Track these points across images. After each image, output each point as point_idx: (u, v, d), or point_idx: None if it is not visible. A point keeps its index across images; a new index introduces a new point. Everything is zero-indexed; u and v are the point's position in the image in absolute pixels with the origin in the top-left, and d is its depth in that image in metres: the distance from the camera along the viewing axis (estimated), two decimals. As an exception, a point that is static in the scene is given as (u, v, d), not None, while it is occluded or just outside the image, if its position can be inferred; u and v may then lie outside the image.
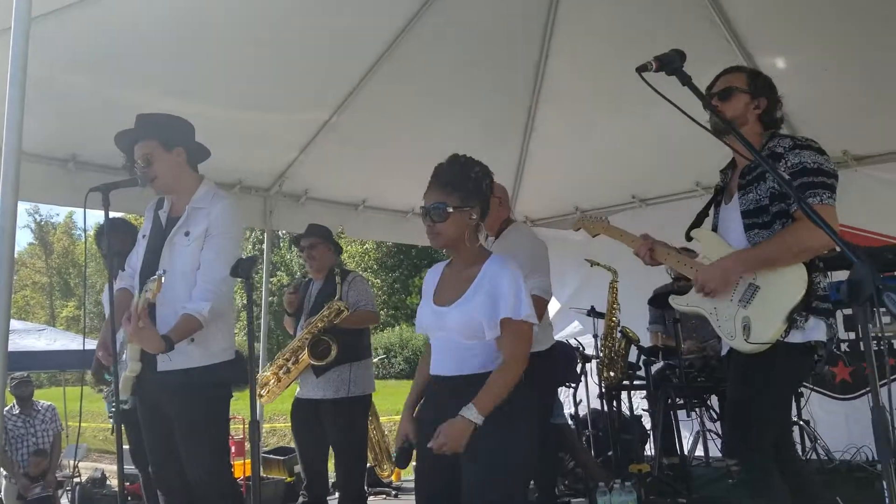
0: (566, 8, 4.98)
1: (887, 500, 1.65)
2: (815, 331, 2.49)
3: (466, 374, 2.39)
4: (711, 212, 2.97)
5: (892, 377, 5.13)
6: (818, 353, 2.52)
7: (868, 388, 5.31)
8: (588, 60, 5.41)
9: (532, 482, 4.42)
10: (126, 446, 3.62)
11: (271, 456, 6.39)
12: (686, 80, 2.15)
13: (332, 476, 5.17)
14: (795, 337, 2.47)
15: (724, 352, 2.85)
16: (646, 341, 5.53)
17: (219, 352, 2.91)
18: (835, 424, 5.35)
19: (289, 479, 6.03)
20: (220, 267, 2.85)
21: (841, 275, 2.36)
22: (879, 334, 4.92)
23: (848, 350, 5.52)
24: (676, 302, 2.81)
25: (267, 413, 12.58)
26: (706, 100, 2.19)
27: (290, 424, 4.62)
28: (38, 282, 41.34)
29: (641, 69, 2.18)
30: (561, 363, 5.10)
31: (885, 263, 3.16)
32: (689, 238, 2.89)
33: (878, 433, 1.65)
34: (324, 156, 5.61)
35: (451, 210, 2.42)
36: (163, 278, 2.66)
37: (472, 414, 2.27)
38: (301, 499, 4.68)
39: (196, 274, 2.88)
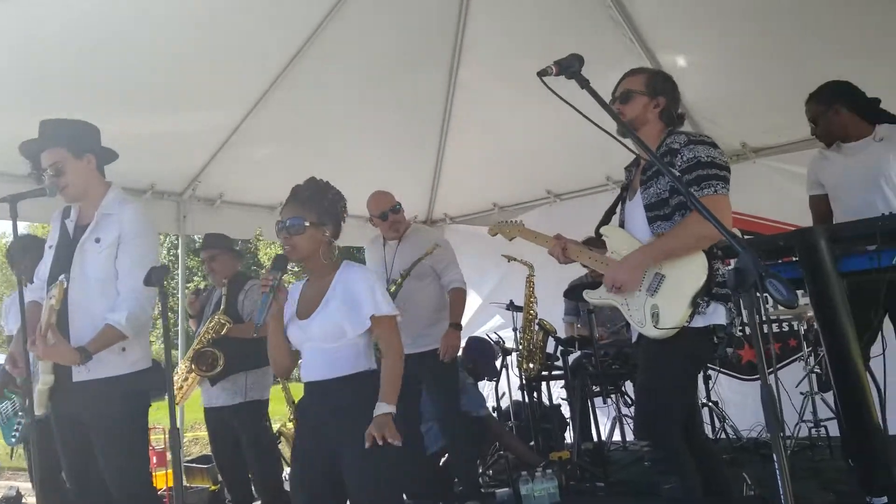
0: (476, 9, 5.07)
1: (777, 469, 1.78)
2: (715, 315, 2.65)
3: (337, 376, 2.60)
4: (619, 209, 3.11)
5: (792, 359, 5.44)
6: (718, 335, 2.67)
7: (772, 369, 5.61)
8: (499, 60, 5.51)
9: (455, 478, 4.53)
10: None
11: (194, 465, 6.26)
12: (584, 84, 2.24)
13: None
14: (697, 322, 2.62)
15: (633, 339, 2.98)
16: (562, 332, 5.70)
17: (135, 361, 2.88)
18: (742, 404, 5.63)
19: (213, 487, 5.93)
20: (138, 274, 2.80)
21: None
22: (774, 317, 5.23)
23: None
24: (590, 295, 2.95)
25: (189, 421, 12.30)
26: (604, 103, 2.28)
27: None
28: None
29: (542, 73, 2.28)
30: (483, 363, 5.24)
31: (777, 250, 3.35)
32: (598, 235, 3.03)
33: (767, 410, 1.78)
34: (239, 158, 5.52)
35: (307, 225, 2.64)
36: (65, 283, 2.63)
37: (384, 408, 2.49)
38: None
39: (115, 283, 2.84)
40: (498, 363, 5.23)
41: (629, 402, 5.35)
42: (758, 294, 1.80)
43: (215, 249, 4.61)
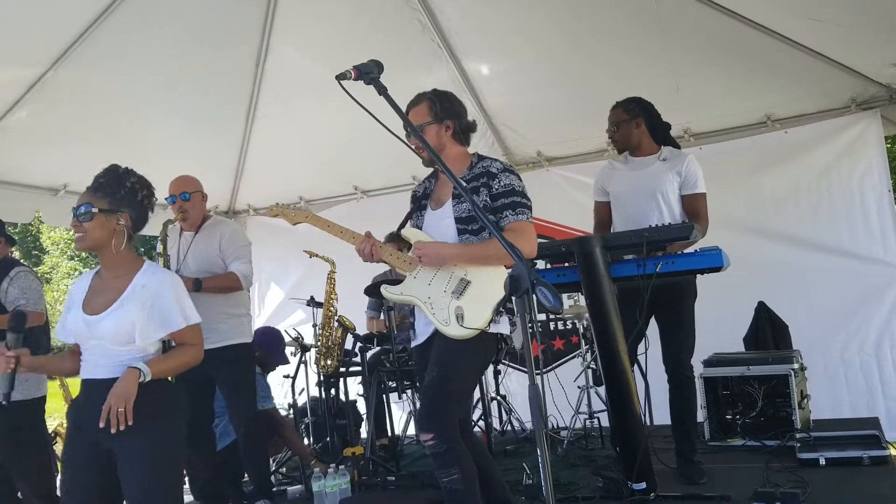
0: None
1: (539, 459, 1.94)
2: (501, 325, 2.89)
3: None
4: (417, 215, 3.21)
5: (573, 355, 5.85)
6: (504, 342, 2.96)
7: (556, 364, 6.01)
8: (307, 54, 5.44)
9: (245, 475, 4.44)
10: None
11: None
12: (381, 91, 2.30)
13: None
14: (491, 328, 2.84)
15: (417, 341, 3.10)
16: (364, 327, 5.77)
17: None
18: (527, 398, 5.96)
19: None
20: None
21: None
22: (559, 316, 5.63)
23: (541, 330, 6.19)
24: (390, 291, 3.02)
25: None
26: (400, 112, 2.36)
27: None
28: None
29: (341, 77, 2.31)
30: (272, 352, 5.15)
31: (561, 255, 3.62)
32: (399, 236, 3.14)
33: (533, 407, 1.93)
34: (16, 134, 5.04)
35: (95, 211, 2.51)
36: None
37: (142, 365, 2.43)
38: None
39: None
40: (295, 360, 5.17)
41: (424, 397, 5.49)
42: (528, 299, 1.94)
43: None
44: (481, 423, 5.13)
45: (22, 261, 5.01)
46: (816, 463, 3.80)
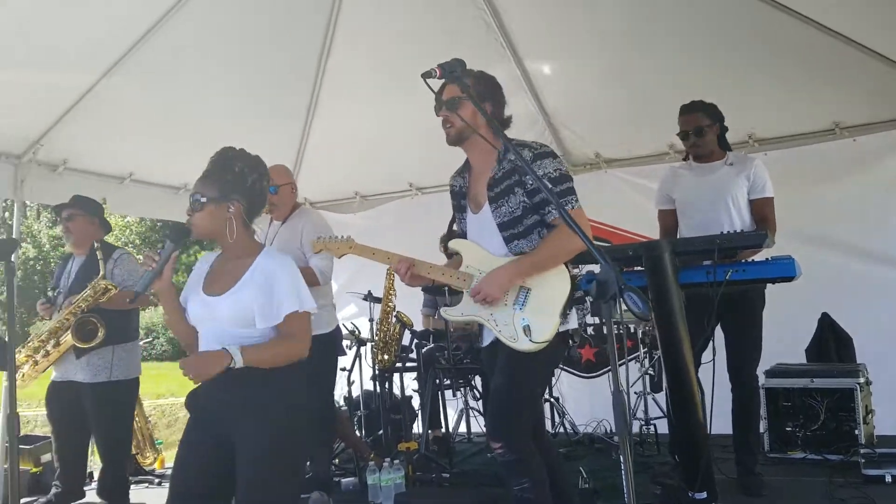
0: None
1: (623, 468, 1.93)
2: (569, 322, 2.75)
3: None
4: (460, 217, 3.09)
5: (628, 358, 5.81)
6: (573, 339, 2.84)
7: (608, 368, 5.94)
8: (370, 50, 5.47)
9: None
10: None
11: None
12: (465, 90, 2.30)
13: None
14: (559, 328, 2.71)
15: (481, 344, 3.03)
16: (420, 324, 5.79)
17: None
18: (580, 400, 5.94)
19: (35, 469, 5.55)
20: None
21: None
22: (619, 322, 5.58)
23: (593, 333, 6.15)
24: (450, 313, 2.93)
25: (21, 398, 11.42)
26: (483, 110, 2.35)
27: (35, 411, 4.34)
28: None
29: (426, 76, 2.31)
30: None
31: (626, 259, 3.59)
32: (446, 249, 3.02)
33: (617, 412, 1.91)
34: (87, 124, 5.16)
35: (204, 201, 2.45)
36: None
37: (234, 351, 2.31)
38: (53, 489, 4.39)
39: None
40: (351, 353, 5.21)
41: (477, 395, 5.51)
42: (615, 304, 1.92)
43: (75, 209, 4.37)
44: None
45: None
46: (882, 480, 3.72)
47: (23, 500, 4.69)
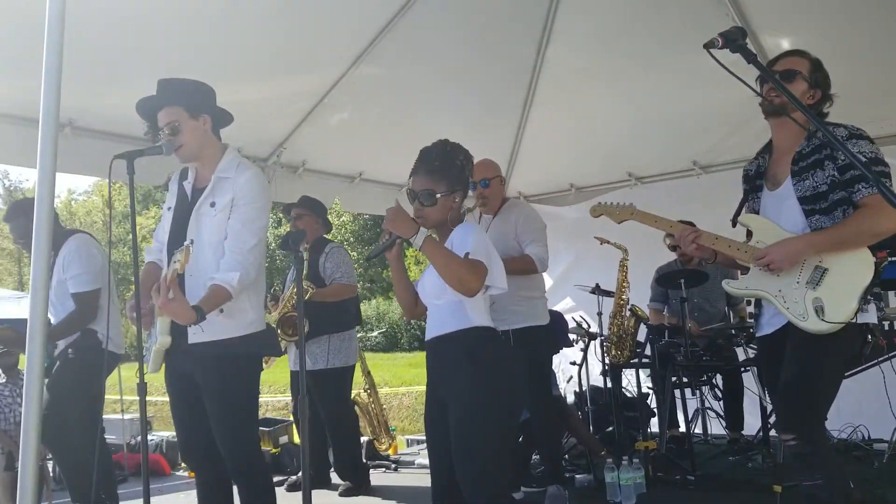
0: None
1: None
2: (869, 314, 2.53)
3: (443, 333, 2.57)
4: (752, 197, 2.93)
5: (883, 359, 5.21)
6: (873, 334, 2.59)
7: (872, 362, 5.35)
8: (589, 39, 5.34)
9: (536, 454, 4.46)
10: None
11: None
12: (751, 59, 2.12)
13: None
14: (858, 318, 2.51)
15: (761, 332, 2.85)
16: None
17: (250, 322, 2.85)
18: (834, 405, 5.40)
19: (274, 450, 5.98)
20: (247, 237, 2.79)
21: None
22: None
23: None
24: (733, 286, 2.78)
25: (281, 384, 12.52)
26: (774, 78, 2.16)
27: (265, 397, 4.80)
28: (5, 248, 39.91)
29: (709, 45, 2.15)
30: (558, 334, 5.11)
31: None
32: (735, 224, 2.87)
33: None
34: (322, 127, 5.49)
35: (438, 196, 2.61)
36: (191, 248, 2.58)
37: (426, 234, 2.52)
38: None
39: (224, 244, 2.80)
40: (579, 346, 5.11)
41: (718, 395, 5.18)
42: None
43: (303, 209, 4.70)
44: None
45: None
46: None
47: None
